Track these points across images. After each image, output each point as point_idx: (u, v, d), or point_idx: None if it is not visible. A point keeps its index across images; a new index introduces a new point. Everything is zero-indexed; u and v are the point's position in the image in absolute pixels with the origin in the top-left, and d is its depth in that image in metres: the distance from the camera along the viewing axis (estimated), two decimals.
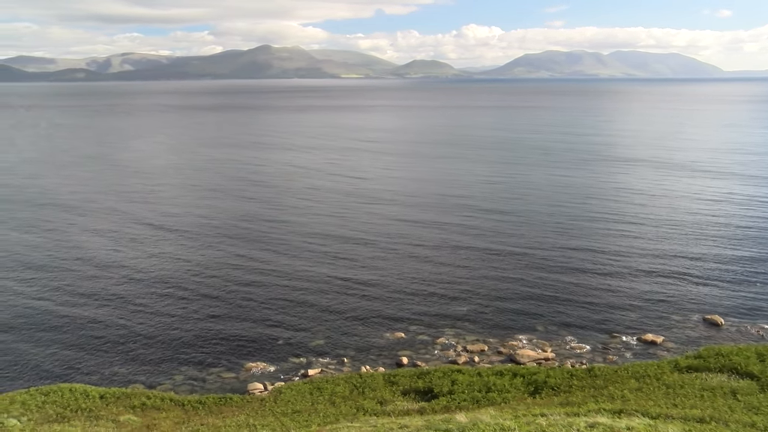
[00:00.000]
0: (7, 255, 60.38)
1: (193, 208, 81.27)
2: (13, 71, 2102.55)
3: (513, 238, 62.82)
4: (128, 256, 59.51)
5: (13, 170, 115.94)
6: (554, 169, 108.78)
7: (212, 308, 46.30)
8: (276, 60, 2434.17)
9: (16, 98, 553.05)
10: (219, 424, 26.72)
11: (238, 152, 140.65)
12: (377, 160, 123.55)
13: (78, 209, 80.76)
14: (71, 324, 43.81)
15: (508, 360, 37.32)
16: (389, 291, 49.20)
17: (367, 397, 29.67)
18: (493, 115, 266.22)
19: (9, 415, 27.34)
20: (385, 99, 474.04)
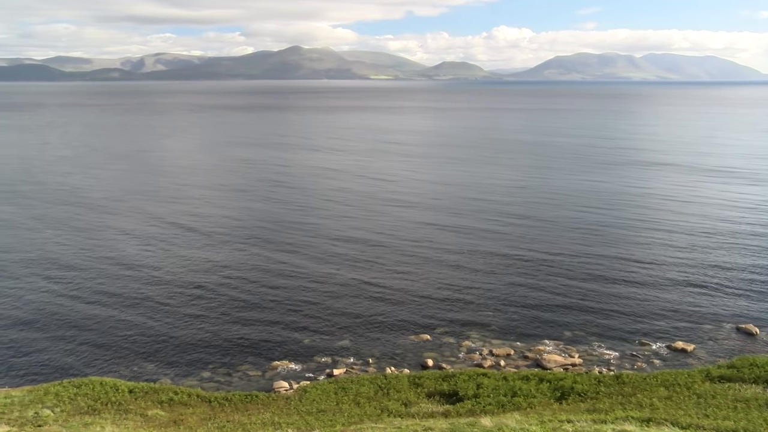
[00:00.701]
0: (42, 253, 61.85)
1: (221, 208, 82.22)
2: (51, 71, 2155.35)
3: (540, 244, 62.08)
4: (157, 256, 60.45)
5: (48, 168, 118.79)
6: (584, 173, 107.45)
7: (239, 308, 46.76)
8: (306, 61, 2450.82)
9: (54, 97, 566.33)
10: (245, 421, 26.97)
11: (266, 152, 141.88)
12: (404, 162, 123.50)
13: (108, 208, 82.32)
14: (102, 320, 44.67)
15: (535, 365, 36.95)
16: (415, 294, 49.13)
17: (391, 399, 29.67)
18: (523, 118, 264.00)
19: (43, 405, 28.00)
20: (414, 101, 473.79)
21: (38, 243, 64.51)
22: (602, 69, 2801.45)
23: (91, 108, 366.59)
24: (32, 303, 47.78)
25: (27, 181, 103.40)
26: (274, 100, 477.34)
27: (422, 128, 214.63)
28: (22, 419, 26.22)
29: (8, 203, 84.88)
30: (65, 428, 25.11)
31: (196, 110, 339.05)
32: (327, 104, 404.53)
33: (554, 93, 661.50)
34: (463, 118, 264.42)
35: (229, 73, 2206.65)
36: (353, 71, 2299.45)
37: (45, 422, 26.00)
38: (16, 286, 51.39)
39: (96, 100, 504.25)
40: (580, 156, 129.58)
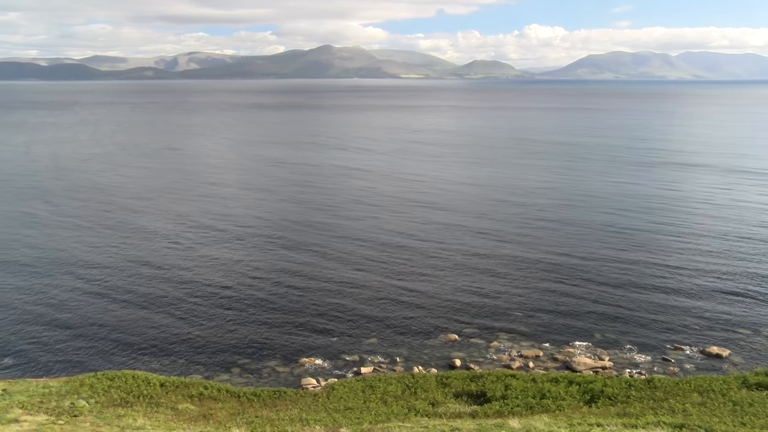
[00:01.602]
0: (74, 250, 63.36)
1: (250, 208, 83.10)
2: (88, 70, 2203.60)
3: (571, 247, 61.21)
4: (187, 254, 61.39)
5: (81, 166, 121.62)
6: (616, 174, 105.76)
7: (268, 306, 47.22)
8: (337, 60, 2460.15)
9: (90, 96, 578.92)
10: (273, 417, 27.21)
11: (295, 152, 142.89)
12: (433, 163, 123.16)
13: (139, 206, 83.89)
14: (134, 316, 45.58)
15: (564, 367, 36.56)
16: (443, 294, 48.99)
17: (419, 398, 29.64)
18: (554, 118, 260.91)
19: (79, 396, 28.68)
20: (444, 99, 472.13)
21: (71, 240, 66.06)
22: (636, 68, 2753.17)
23: (125, 106, 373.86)
24: (66, 298, 48.97)
25: (60, 178, 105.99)
26: (305, 99, 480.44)
27: (452, 127, 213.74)
28: (59, 409, 26.90)
29: (41, 201, 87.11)
30: (99, 419, 25.68)
31: (228, 109, 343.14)
32: (357, 103, 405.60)
33: (587, 92, 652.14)
34: (494, 118, 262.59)
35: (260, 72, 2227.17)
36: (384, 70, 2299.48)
37: (80, 412, 26.62)
38: (50, 283, 52.72)
39: (130, 98, 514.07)
40: (613, 157, 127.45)
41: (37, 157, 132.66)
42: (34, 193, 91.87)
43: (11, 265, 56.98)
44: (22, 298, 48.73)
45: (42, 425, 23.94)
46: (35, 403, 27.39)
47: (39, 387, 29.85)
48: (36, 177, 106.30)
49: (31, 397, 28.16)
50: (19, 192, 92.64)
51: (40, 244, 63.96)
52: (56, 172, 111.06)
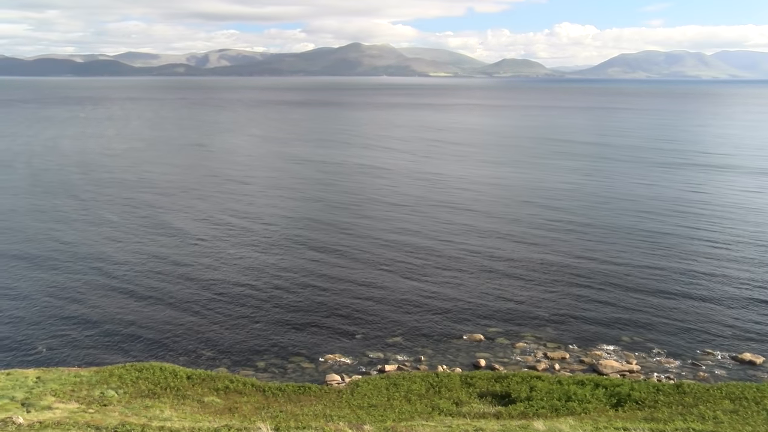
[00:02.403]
0: (103, 245, 64.60)
1: (275, 206, 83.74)
2: (122, 66, 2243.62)
3: (598, 250, 60.13)
4: (213, 251, 62.11)
5: (111, 161, 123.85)
6: (645, 176, 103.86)
7: (293, 302, 47.55)
8: (366, 57, 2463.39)
9: (122, 91, 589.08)
10: (297, 412, 27.38)
11: (321, 149, 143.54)
12: (459, 162, 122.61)
13: (167, 202, 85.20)
14: (162, 310, 46.29)
15: (590, 370, 36.12)
16: (468, 294, 48.77)
17: (443, 397, 29.56)
18: (584, 117, 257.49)
19: (108, 386, 29.24)
20: (473, 98, 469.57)
21: (99, 236, 67.34)
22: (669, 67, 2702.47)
23: (156, 102, 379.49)
24: (95, 292, 49.95)
25: (88, 173, 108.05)
26: (333, 97, 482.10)
27: (479, 126, 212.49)
28: (89, 398, 27.46)
29: (70, 196, 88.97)
30: (128, 409, 26.14)
31: (257, 105, 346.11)
32: (384, 101, 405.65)
33: (618, 91, 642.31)
34: (522, 117, 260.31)
35: (290, 69, 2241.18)
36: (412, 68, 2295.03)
37: (110, 402, 27.14)
38: (80, 277, 53.83)
39: (161, 94, 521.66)
40: (642, 158, 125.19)
41: (67, 152, 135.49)
42: (62, 187, 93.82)
43: (42, 259, 58.34)
44: (54, 290, 49.85)
45: (73, 413, 24.45)
46: (67, 392, 28.01)
47: (71, 376, 30.51)
48: (65, 172, 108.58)
49: (63, 386, 28.80)
50: (48, 186, 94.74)
51: (69, 238, 65.31)
52: (85, 167, 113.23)
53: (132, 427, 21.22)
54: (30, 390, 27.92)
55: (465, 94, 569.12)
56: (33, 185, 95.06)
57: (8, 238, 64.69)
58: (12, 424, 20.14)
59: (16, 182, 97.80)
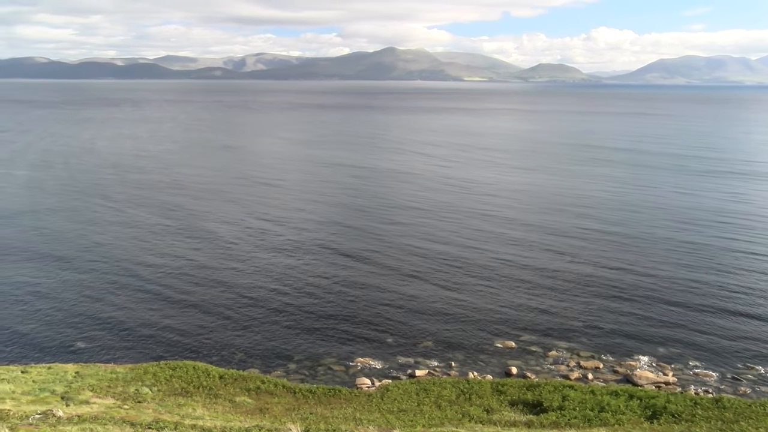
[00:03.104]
0: (138, 243, 65.90)
1: (307, 210, 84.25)
2: (161, 69, 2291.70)
3: (635, 260, 58.66)
4: (245, 253, 62.83)
5: (148, 162, 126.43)
6: (685, 185, 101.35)
7: (325, 305, 47.77)
8: (400, 62, 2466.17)
9: (161, 94, 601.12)
10: (327, 414, 27.49)
11: (354, 153, 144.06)
12: (492, 167, 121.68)
13: (200, 205, 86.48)
14: (196, 309, 46.99)
15: (624, 380, 35.42)
16: (500, 301, 48.32)
17: (473, 404, 29.33)
18: (621, 123, 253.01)
19: (143, 383, 29.81)
20: (508, 103, 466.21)
21: (132, 236, 68.70)
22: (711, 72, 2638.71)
23: (193, 105, 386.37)
24: (131, 290, 50.99)
25: (123, 174, 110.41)
26: (367, 100, 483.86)
27: (513, 132, 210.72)
28: (124, 394, 28.03)
29: (104, 196, 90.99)
30: (161, 406, 26.59)
31: (291, 109, 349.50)
32: (418, 105, 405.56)
33: (656, 97, 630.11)
34: (557, 122, 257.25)
35: (325, 73, 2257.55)
36: (447, 72, 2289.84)
37: (144, 399, 27.65)
38: (115, 277, 55.01)
39: (198, 97, 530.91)
40: (681, 166, 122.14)
41: (103, 153, 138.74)
42: (98, 188, 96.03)
43: (79, 259, 59.80)
44: (90, 289, 51.04)
45: (109, 408, 24.99)
46: (104, 387, 28.64)
47: (107, 372, 31.20)
48: (100, 172, 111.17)
49: (100, 381, 29.46)
50: (85, 187, 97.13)
51: (104, 239, 66.80)
52: (120, 168, 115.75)
53: (165, 425, 21.58)
54: (69, 384, 28.64)
55: (499, 98, 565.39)
56: (70, 185, 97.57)
57: (46, 238, 66.49)
58: (53, 416, 20.68)
59: (55, 182, 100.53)
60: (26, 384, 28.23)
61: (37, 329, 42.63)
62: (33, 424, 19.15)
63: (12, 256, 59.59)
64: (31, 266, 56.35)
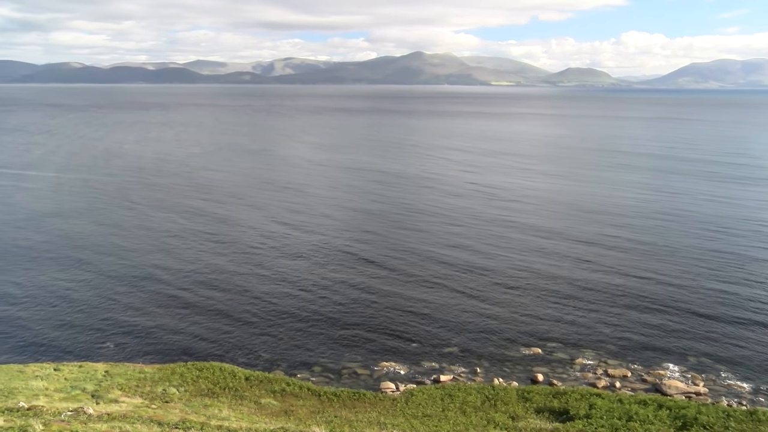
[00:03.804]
0: (164, 245, 66.84)
1: (332, 214, 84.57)
2: (191, 74, 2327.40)
3: (665, 269, 57.34)
4: (272, 254, 63.34)
5: (178, 164, 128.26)
6: (717, 192, 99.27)
7: (349, 309, 47.88)
8: (428, 66, 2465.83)
9: (191, 98, 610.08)
10: (351, 418, 27.52)
11: (380, 157, 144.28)
12: (518, 172, 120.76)
13: (226, 208, 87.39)
14: (223, 310, 47.48)
15: (653, 389, 34.79)
16: (527, 307, 47.91)
17: (498, 410, 29.11)
18: (652, 128, 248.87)
19: (170, 384, 30.21)
20: (535, 107, 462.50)
21: (160, 240, 69.74)
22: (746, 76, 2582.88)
23: (222, 109, 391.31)
24: (159, 293, 51.77)
25: (152, 177, 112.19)
26: (393, 105, 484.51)
27: (541, 136, 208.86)
28: (152, 394, 28.45)
29: (132, 201, 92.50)
30: (188, 407, 26.92)
31: (318, 113, 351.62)
32: (445, 109, 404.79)
33: (689, 102, 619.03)
34: (586, 127, 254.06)
35: (352, 77, 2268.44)
36: (474, 77, 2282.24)
37: (171, 399, 28.02)
38: (143, 279, 55.87)
39: (227, 101, 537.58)
40: (714, 173, 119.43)
41: (131, 156, 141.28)
42: (125, 191, 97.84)
43: (107, 263, 60.93)
44: (119, 290, 51.94)
45: (138, 407, 25.37)
46: (132, 387, 29.11)
47: (135, 372, 31.70)
48: (128, 175, 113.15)
49: (129, 381, 29.95)
50: (112, 190, 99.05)
51: (131, 242, 67.96)
52: (147, 171, 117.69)
53: (192, 425, 21.82)
54: (99, 383, 29.16)
55: (527, 103, 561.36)
56: (98, 188, 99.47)
57: (75, 240, 67.86)
58: (83, 414, 21.09)
59: (82, 184, 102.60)
60: (58, 381, 28.83)
61: (68, 328, 43.53)
62: (65, 421, 19.55)
63: (43, 257, 60.98)
64: (61, 268, 57.59)
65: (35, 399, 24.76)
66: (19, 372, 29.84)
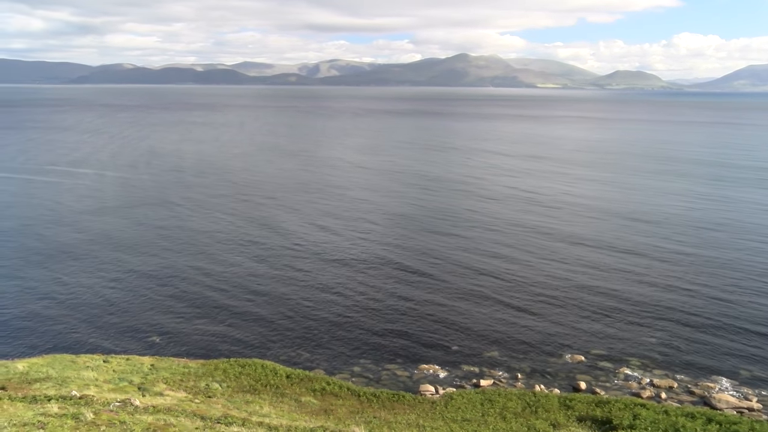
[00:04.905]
0: (211, 245, 68.17)
1: (373, 216, 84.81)
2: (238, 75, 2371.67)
3: (715, 279, 55.82)
4: (312, 256, 63.97)
5: (225, 163, 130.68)
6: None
7: (390, 311, 47.95)
8: (472, 68, 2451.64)
9: (238, 99, 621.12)
10: (390, 419, 27.55)
11: (421, 160, 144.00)
12: (560, 175, 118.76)
13: (269, 207, 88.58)
14: (266, 309, 48.20)
15: (701, 402, 33.73)
16: (569, 315, 47.10)
17: (539, 417, 28.70)
18: (704, 133, 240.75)
19: (213, 379, 30.82)
20: (582, 110, 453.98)
21: (205, 238, 71.16)
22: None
23: (268, 110, 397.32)
24: (203, 290, 52.87)
25: (199, 176, 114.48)
26: (437, 107, 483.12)
27: (586, 141, 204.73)
28: (196, 388, 29.06)
29: (180, 198, 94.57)
30: (230, 402, 27.40)
31: (362, 114, 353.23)
32: (489, 112, 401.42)
33: (744, 106, 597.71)
34: (634, 131, 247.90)
35: (396, 79, 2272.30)
36: (520, 79, 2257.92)
37: (214, 394, 28.57)
38: (188, 276, 57.12)
39: (273, 102, 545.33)
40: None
41: (184, 154, 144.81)
42: (173, 189, 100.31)
43: (154, 259, 62.54)
44: (166, 287, 53.28)
45: (181, 401, 25.95)
46: (176, 381, 29.79)
47: (180, 366, 32.43)
48: (176, 174, 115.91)
49: (174, 375, 30.66)
50: (161, 188, 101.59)
51: (176, 240, 69.63)
52: (193, 171, 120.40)
53: (233, 420, 22.20)
54: (145, 376, 29.95)
55: (574, 106, 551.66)
56: (138, 187, 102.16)
57: (117, 239, 70.04)
58: (130, 405, 21.70)
59: (124, 183, 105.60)
60: (107, 373, 29.73)
61: (116, 322, 44.87)
62: (113, 411, 20.16)
63: (88, 255, 63.02)
64: (106, 265, 59.43)
65: (86, 388, 25.59)
66: (71, 362, 30.89)
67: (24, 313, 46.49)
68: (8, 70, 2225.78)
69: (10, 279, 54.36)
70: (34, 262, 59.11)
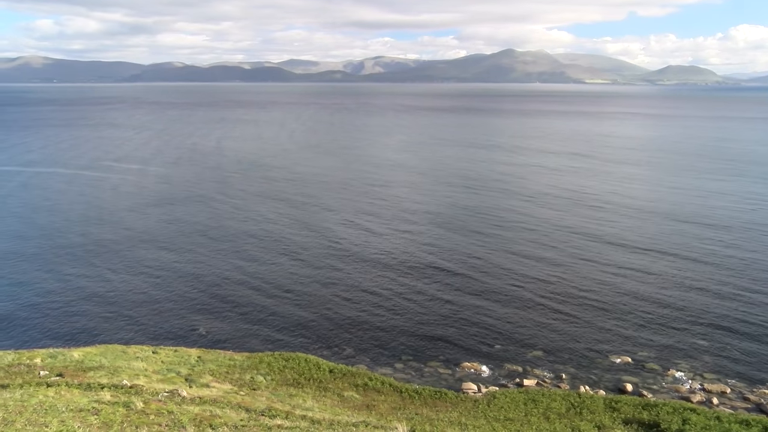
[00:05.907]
0: (256, 239, 69.19)
1: (416, 219, 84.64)
2: (284, 73, 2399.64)
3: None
4: (357, 254, 64.36)
5: (270, 159, 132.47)
6: None
7: (432, 309, 47.87)
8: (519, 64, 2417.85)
9: (284, 96, 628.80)
10: (432, 416, 27.52)
11: (466, 157, 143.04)
12: (607, 175, 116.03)
13: (312, 203, 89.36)
14: (310, 303, 48.79)
15: (757, 409, 32.56)
16: (616, 315, 46.11)
17: (584, 419, 28.21)
18: (762, 130, 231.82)
19: (258, 372, 31.38)
20: (632, 106, 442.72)
21: (252, 235, 72.30)
22: None
23: (313, 107, 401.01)
24: (248, 284, 53.82)
25: (245, 171, 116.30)
26: (483, 103, 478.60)
27: (636, 138, 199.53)
28: (241, 381, 29.65)
29: (226, 194, 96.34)
30: (274, 395, 27.84)
31: (407, 111, 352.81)
32: (536, 108, 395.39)
33: None
34: (687, 128, 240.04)
35: (442, 75, 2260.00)
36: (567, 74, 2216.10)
37: (258, 387, 29.08)
38: (233, 272, 58.18)
39: (319, 99, 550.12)
40: None
41: (226, 151, 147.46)
42: (219, 185, 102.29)
43: (198, 254, 63.98)
44: (212, 281, 54.46)
45: (227, 393, 26.52)
46: (222, 373, 30.45)
47: (226, 359, 33.13)
48: (224, 169, 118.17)
49: (220, 367, 31.35)
50: (207, 183, 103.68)
51: (222, 236, 71.02)
52: (240, 166, 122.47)
53: (277, 413, 22.54)
54: (192, 368, 30.71)
55: (623, 102, 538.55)
56: (190, 182, 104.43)
57: (161, 234, 71.82)
58: (178, 396, 22.30)
59: (182, 177, 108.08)
60: (156, 363, 30.60)
61: (164, 314, 46.13)
62: (162, 401, 20.76)
63: (138, 249, 64.86)
64: (154, 261, 61.08)
65: (136, 378, 26.41)
66: (122, 352, 31.93)
67: (75, 305, 48.27)
68: (67, 70, 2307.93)
69: (61, 273, 56.49)
70: (81, 258, 61.25)
